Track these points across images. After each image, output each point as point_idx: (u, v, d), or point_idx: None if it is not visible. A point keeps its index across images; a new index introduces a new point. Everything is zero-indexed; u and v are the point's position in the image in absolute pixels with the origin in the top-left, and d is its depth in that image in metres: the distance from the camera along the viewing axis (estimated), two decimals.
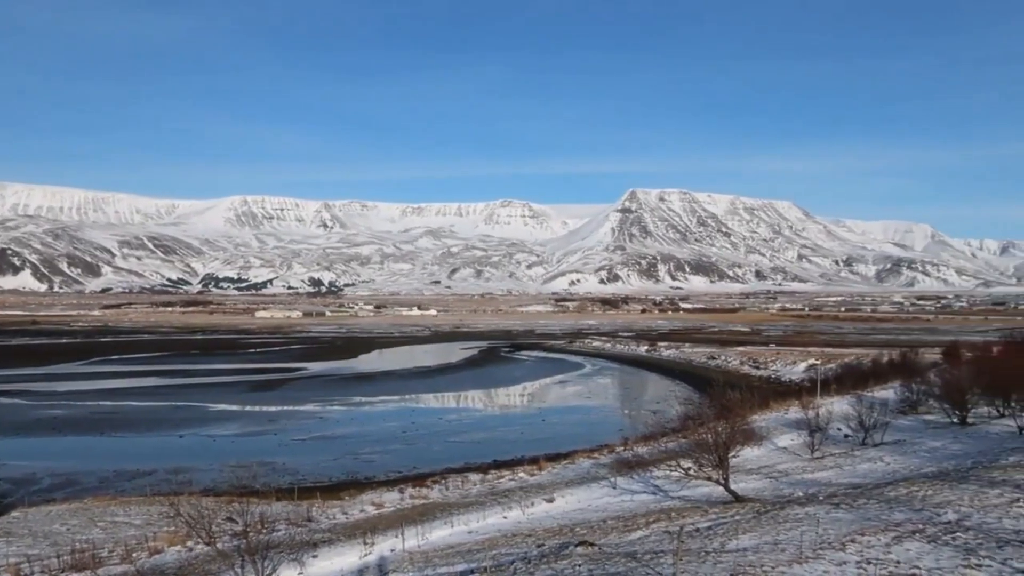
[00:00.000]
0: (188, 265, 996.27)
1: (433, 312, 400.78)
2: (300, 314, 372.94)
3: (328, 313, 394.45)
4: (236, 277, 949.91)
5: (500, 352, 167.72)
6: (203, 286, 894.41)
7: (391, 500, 40.83)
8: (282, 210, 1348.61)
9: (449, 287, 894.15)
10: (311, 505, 38.54)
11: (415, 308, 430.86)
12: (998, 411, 49.99)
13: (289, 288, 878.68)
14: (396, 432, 69.41)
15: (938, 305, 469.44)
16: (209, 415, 79.18)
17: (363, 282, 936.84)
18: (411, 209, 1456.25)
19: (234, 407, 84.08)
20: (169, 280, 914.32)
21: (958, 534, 18.91)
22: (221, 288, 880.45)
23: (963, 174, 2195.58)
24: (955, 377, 54.80)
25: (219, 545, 27.44)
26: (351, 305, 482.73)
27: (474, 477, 46.62)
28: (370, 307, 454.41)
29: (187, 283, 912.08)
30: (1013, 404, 47.38)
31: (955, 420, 49.86)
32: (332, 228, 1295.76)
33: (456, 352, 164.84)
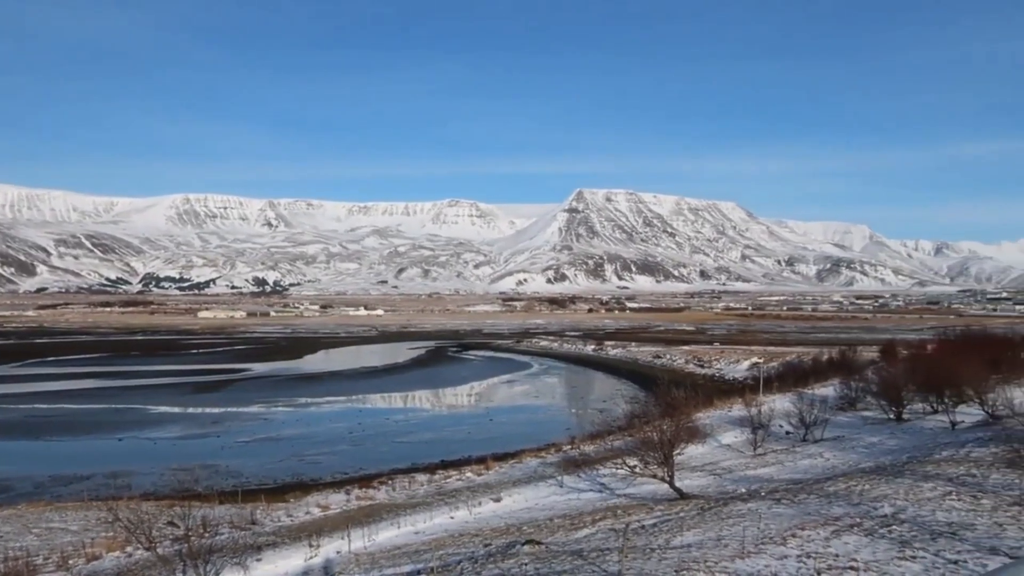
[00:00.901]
0: (128, 264, 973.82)
1: (380, 312, 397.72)
2: (244, 314, 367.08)
3: (273, 313, 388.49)
4: (178, 277, 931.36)
5: (448, 352, 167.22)
6: (143, 286, 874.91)
7: (337, 501, 40.48)
8: (225, 208, 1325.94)
9: (396, 287, 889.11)
10: (255, 508, 37.99)
11: (362, 308, 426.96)
12: (932, 407, 51.36)
13: (233, 288, 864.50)
14: (342, 433, 68.78)
15: (876, 304, 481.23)
16: (149, 417, 77.47)
17: (309, 282, 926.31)
18: (358, 208, 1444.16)
19: (176, 409, 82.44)
20: (108, 280, 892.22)
21: (894, 527, 19.41)
22: (162, 288, 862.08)
23: (899, 177, 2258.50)
24: (892, 375, 56.31)
25: (160, 550, 26.87)
26: (296, 305, 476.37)
27: (421, 477, 46.44)
28: (316, 307, 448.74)
29: (126, 283, 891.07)
30: (946, 400, 48.72)
31: (891, 416, 51.16)
32: (277, 227, 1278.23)
33: (403, 352, 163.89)
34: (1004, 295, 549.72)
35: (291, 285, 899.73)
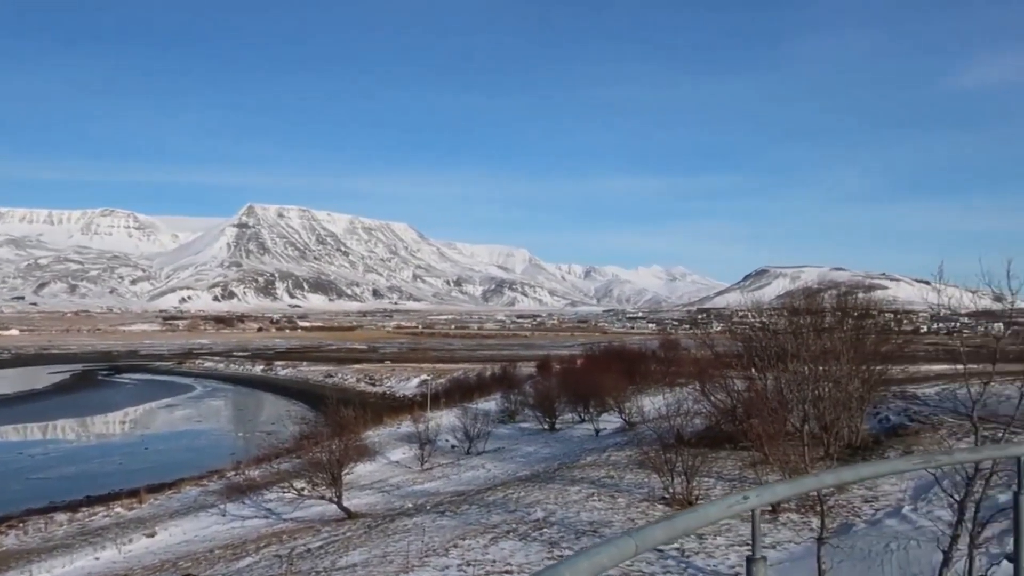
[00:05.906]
0: None
1: (14, 332, 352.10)
2: None
3: None
4: None
5: (97, 376, 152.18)
6: None
7: None
8: None
9: (36, 304, 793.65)
10: None
11: None
12: (580, 417, 56.15)
13: None
14: None
15: (534, 323, 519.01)
16: None
17: None
18: None
19: None
20: None
21: (545, 530, 20.95)
22: None
23: (554, 206, 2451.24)
24: (546, 387, 61.03)
25: None
26: None
27: (61, 517, 41.67)
28: None
29: None
30: (591, 410, 53.66)
31: (546, 426, 55.29)
32: None
33: (43, 377, 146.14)
34: (640, 314, 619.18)
35: None
